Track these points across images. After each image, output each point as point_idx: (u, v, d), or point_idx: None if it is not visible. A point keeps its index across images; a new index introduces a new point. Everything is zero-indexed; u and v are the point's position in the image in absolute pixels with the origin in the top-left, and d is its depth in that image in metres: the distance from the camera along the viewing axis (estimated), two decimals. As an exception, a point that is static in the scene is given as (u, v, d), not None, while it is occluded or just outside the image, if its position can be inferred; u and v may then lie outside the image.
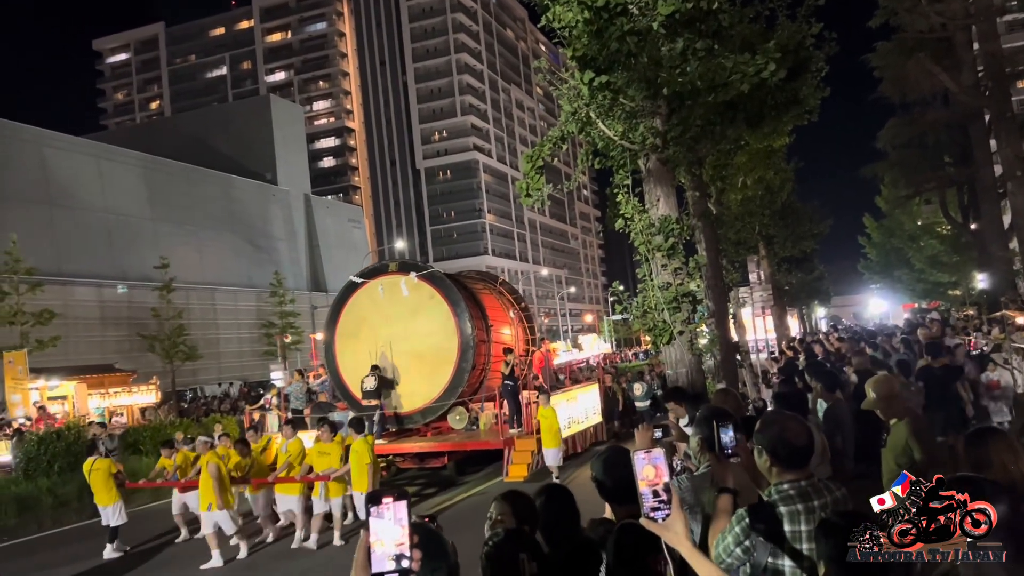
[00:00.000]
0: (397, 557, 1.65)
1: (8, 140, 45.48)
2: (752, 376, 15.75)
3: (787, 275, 30.31)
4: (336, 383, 17.56)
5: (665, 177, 9.02)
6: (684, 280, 8.76)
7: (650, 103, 8.50)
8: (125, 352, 45.90)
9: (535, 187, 9.00)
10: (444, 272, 17.62)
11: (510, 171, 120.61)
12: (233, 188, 62.65)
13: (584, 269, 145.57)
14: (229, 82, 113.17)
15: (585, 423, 17.90)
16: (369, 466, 10.28)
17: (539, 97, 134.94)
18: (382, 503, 1.68)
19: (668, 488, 2.23)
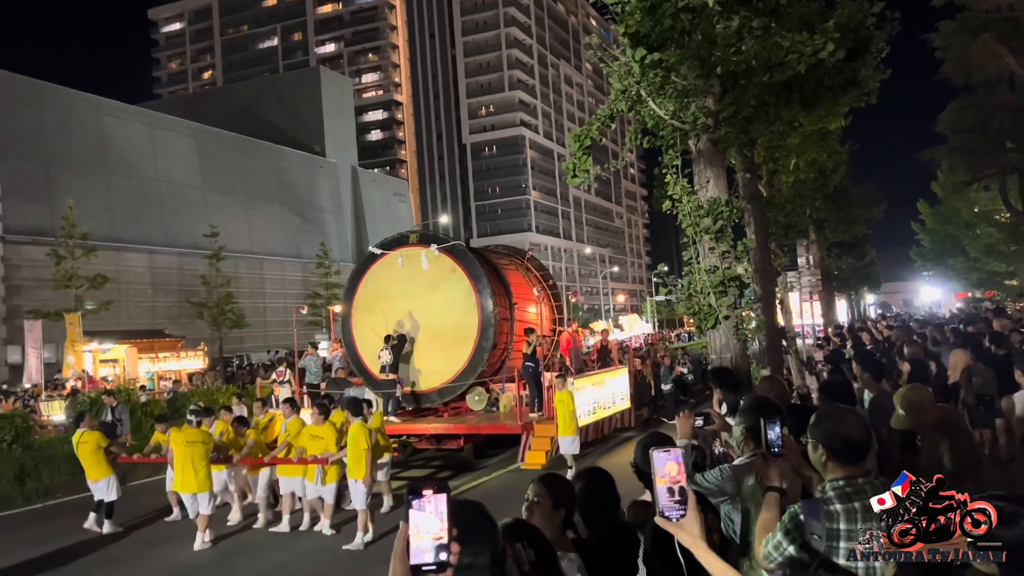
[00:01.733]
0: (436, 550, 1.65)
1: (69, 108, 46.52)
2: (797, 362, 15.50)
3: (837, 260, 29.72)
4: (352, 358, 16.87)
5: (715, 158, 8.85)
6: (731, 264, 8.61)
7: (703, 82, 8.31)
8: (174, 318, 47.00)
9: (582, 167, 8.89)
10: (467, 246, 17.06)
11: (556, 147, 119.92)
12: (282, 159, 63.35)
13: (628, 248, 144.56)
14: (280, 53, 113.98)
15: (611, 409, 17.08)
16: (367, 452, 9.64)
17: (588, 73, 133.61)
18: (423, 495, 1.68)
19: (684, 489, 2.19)
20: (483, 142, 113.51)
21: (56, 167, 44.57)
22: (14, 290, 39.78)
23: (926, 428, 5.04)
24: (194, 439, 10.07)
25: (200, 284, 42.19)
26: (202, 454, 10.01)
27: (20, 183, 40.73)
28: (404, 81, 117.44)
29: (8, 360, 38.75)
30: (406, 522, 1.67)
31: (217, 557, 9.62)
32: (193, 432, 10.18)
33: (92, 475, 10.95)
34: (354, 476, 9.69)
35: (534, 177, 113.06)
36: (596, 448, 15.60)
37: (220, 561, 9.45)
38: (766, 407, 3.98)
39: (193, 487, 9.95)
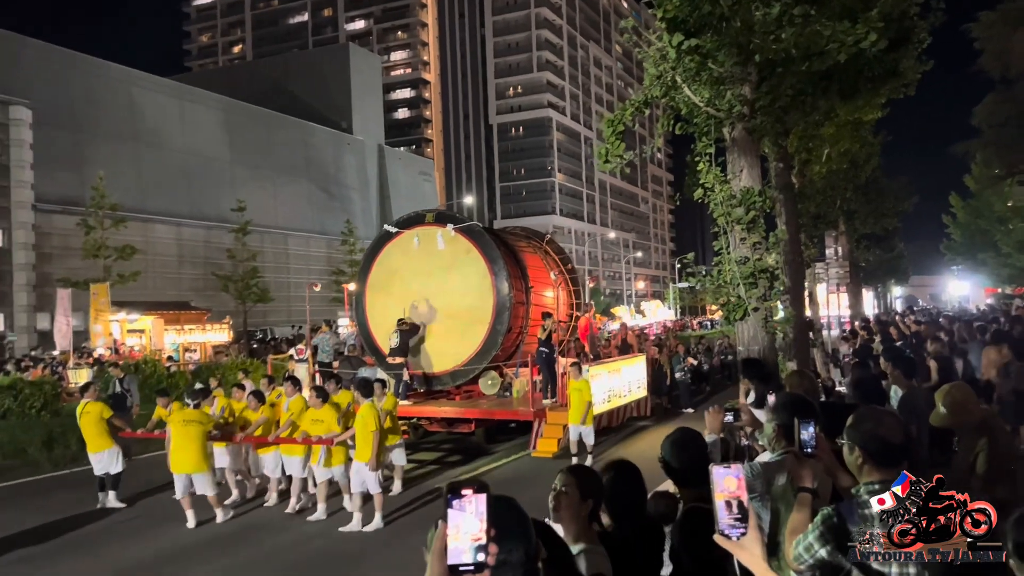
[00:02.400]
0: (474, 550, 1.63)
1: (99, 78, 46.86)
2: (823, 355, 15.37)
3: (865, 252, 29.38)
4: (364, 338, 16.64)
5: (750, 147, 8.72)
6: (762, 255, 8.50)
7: (740, 69, 8.18)
8: (200, 291, 47.47)
9: (615, 153, 8.78)
10: (485, 226, 16.65)
11: (583, 130, 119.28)
12: (309, 135, 63.54)
13: (653, 234, 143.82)
14: (310, 29, 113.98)
15: (627, 397, 16.62)
16: (375, 434, 9.30)
17: (618, 55, 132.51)
18: (462, 495, 1.66)
19: (744, 505, 2.14)
20: (510, 123, 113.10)
21: (86, 137, 44.98)
22: (44, 258, 40.31)
23: (966, 428, 4.96)
24: (191, 419, 9.88)
25: (226, 257, 42.55)
26: (198, 434, 9.79)
27: (51, 152, 41.16)
28: (432, 60, 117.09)
29: (37, 327, 39.35)
30: (445, 522, 1.66)
31: (216, 537, 9.39)
32: (190, 412, 10.00)
33: (93, 447, 10.79)
34: (360, 458, 9.44)
35: (560, 159, 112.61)
36: (610, 437, 15.35)
37: (218, 542, 9.20)
38: (800, 405, 3.93)
39: (189, 467, 9.73)
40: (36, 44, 44.28)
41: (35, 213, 39.97)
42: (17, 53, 42.25)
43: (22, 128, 39.28)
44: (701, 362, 23.49)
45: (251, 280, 40.94)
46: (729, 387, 23.18)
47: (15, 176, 38.96)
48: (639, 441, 15.08)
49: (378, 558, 8.47)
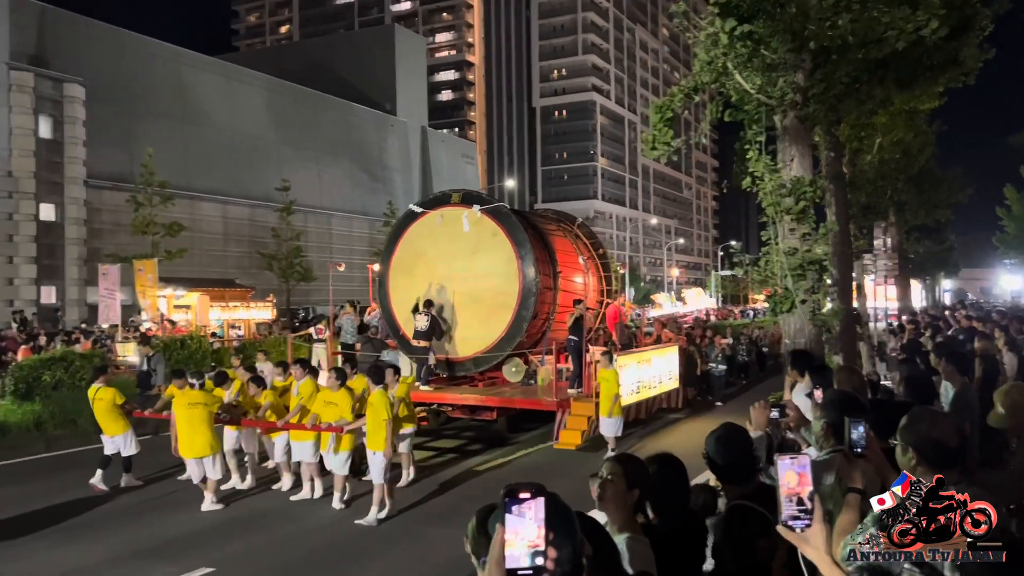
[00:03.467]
0: (532, 555, 1.60)
1: (149, 57, 47.57)
2: (869, 348, 15.08)
3: (915, 244, 28.73)
4: (387, 320, 16.14)
5: (801, 136, 8.55)
6: (811, 246, 8.33)
7: (793, 56, 8.02)
8: (244, 268, 48.16)
9: (662, 140, 8.67)
10: (512, 208, 16.06)
11: (627, 114, 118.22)
12: (353, 116, 63.87)
13: (696, 221, 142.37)
14: (356, 10, 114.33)
15: (657, 388, 15.99)
16: (387, 423, 8.90)
17: (664, 39, 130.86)
18: (519, 498, 1.63)
19: (812, 497, 2.10)
20: (553, 106, 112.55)
21: (136, 115, 45.74)
22: (95, 233, 41.21)
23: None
24: (195, 401, 9.60)
25: (270, 236, 43.04)
26: (203, 416, 9.52)
27: (102, 130, 41.96)
28: (477, 42, 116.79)
29: (88, 300, 40.29)
30: (503, 525, 1.63)
31: (223, 524, 9.08)
32: (195, 394, 9.71)
33: (109, 431, 10.56)
34: (373, 447, 9.04)
35: (603, 144, 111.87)
36: (638, 430, 14.75)
37: (225, 528, 8.91)
38: (850, 404, 3.85)
39: (196, 451, 9.50)
40: (90, 23, 45.07)
41: (87, 189, 40.83)
42: (72, 32, 43.06)
43: (76, 105, 40.09)
44: (738, 353, 23.04)
45: (294, 259, 41.40)
46: (764, 380, 22.74)
47: (68, 152, 39.82)
48: (668, 435, 14.61)
49: (388, 554, 8.08)
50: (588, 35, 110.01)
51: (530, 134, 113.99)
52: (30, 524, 9.11)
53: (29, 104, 37.74)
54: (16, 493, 10.33)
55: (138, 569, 7.67)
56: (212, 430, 9.63)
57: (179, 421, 9.65)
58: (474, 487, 10.64)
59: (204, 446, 9.50)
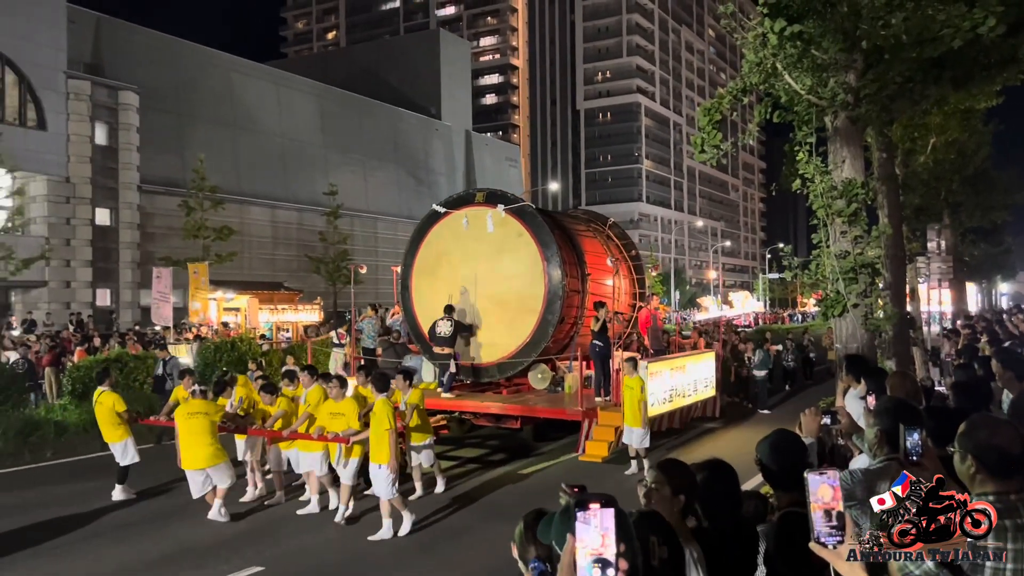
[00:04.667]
0: (603, 565, 1.61)
1: (200, 64, 48.53)
2: (922, 353, 14.75)
3: (971, 246, 28.02)
4: (410, 324, 15.64)
5: (853, 137, 8.40)
6: (864, 249, 8.18)
7: (845, 56, 7.89)
8: (292, 272, 48.85)
9: (711, 142, 8.58)
10: (538, 208, 15.49)
11: (672, 116, 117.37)
12: (399, 121, 64.41)
13: (743, 223, 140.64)
14: (401, 15, 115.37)
15: (693, 397, 15.28)
16: (390, 433, 8.41)
17: (710, 39, 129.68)
18: (589, 509, 1.64)
19: (842, 514, 2.08)
20: (597, 108, 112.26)
21: (188, 121, 46.70)
22: (148, 237, 42.14)
23: None
24: (196, 410, 9.20)
25: (318, 240, 43.56)
26: (204, 426, 9.12)
27: (156, 135, 42.91)
28: (521, 45, 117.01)
29: (141, 303, 41.23)
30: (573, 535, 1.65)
31: (231, 538, 8.73)
32: (195, 403, 9.33)
33: (108, 437, 10.35)
34: (376, 460, 8.58)
35: (648, 146, 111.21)
36: (670, 440, 14.30)
37: (232, 543, 8.54)
38: (905, 411, 3.78)
39: (199, 462, 9.10)
40: (144, 31, 46.16)
41: (140, 194, 41.79)
42: (126, 41, 44.15)
43: (130, 112, 41.07)
44: (784, 359, 22.46)
45: (341, 262, 41.86)
46: (809, 387, 22.26)
47: (123, 158, 40.80)
48: (704, 445, 14.02)
49: (404, 568, 7.81)
50: (633, 37, 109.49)
51: (574, 137, 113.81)
52: (89, 522, 9.37)
53: (86, 111, 38.77)
54: (77, 491, 10.64)
55: (191, 566, 7.84)
56: (215, 440, 9.25)
57: (180, 432, 9.27)
58: (490, 503, 10.23)
59: (206, 457, 9.11)
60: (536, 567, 2.22)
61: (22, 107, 36.30)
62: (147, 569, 7.82)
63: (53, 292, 37.37)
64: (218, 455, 9.20)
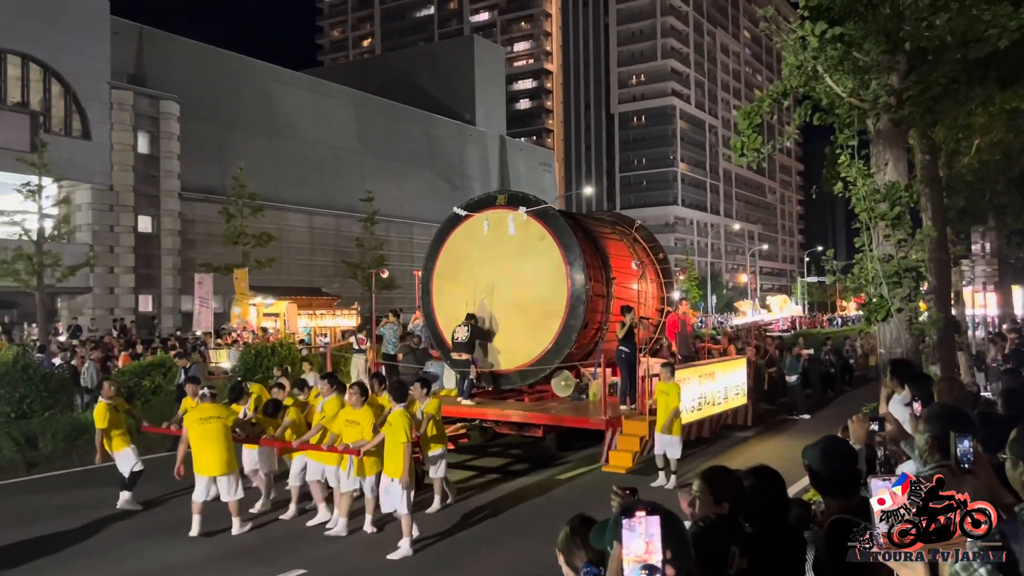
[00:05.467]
0: (649, 571, 1.63)
1: (238, 73, 49.34)
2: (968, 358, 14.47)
3: (1017, 249, 27.40)
4: (431, 330, 15.26)
5: (896, 139, 8.30)
6: (907, 252, 8.07)
7: (887, 58, 7.80)
8: (330, 277, 49.37)
9: (751, 146, 8.52)
10: (561, 210, 15.12)
11: (708, 118, 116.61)
12: (434, 127, 64.82)
13: (780, 226, 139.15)
14: (436, 22, 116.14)
15: (723, 405, 14.67)
16: (405, 446, 8.04)
17: (746, 41, 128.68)
18: (635, 516, 1.67)
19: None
20: (632, 112, 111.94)
21: (227, 129, 47.47)
22: (189, 244, 42.91)
23: None
24: (209, 415, 8.85)
25: (355, 246, 43.98)
26: (218, 431, 8.77)
27: (196, 144, 43.69)
28: (555, 50, 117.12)
29: (182, 308, 41.98)
30: (620, 543, 1.67)
31: (234, 553, 8.41)
32: (208, 407, 8.95)
33: (110, 446, 10.06)
34: (389, 473, 8.21)
35: (683, 149, 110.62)
36: (700, 449, 13.74)
37: (234, 560, 8.22)
38: (956, 417, 3.73)
39: (213, 469, 8.74)
40: (184, 42, 47.05)
41: (181, 201, 42.56)
42: (168, 51, 45.04)
43: (171, 121, 41.89)
44: (823, 364, 22.09)
45: (378, 268, 42.18)
46: (847, 393, 21.80)
47: (164, 166, 41.62)
48: (735, 455, 13.45)
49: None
50: (667, 39, 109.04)
51: (608, 140, 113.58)
52: (134, 523, 9.54)
53: (128, 121, 39.61)
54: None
55: (236, 569, 7.98)
56: (229, 447, 8.89)
57: (192, 438, 8.88)
58: (510, 516, 9.81)
59: (219, 464, 8.74)
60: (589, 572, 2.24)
61: (68, 117, 37.20)
62: (193, 568, 7.95)
63: (97, 298, 38.20)
64: (231, 463, 8.89)
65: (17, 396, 14.00)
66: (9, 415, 13.75)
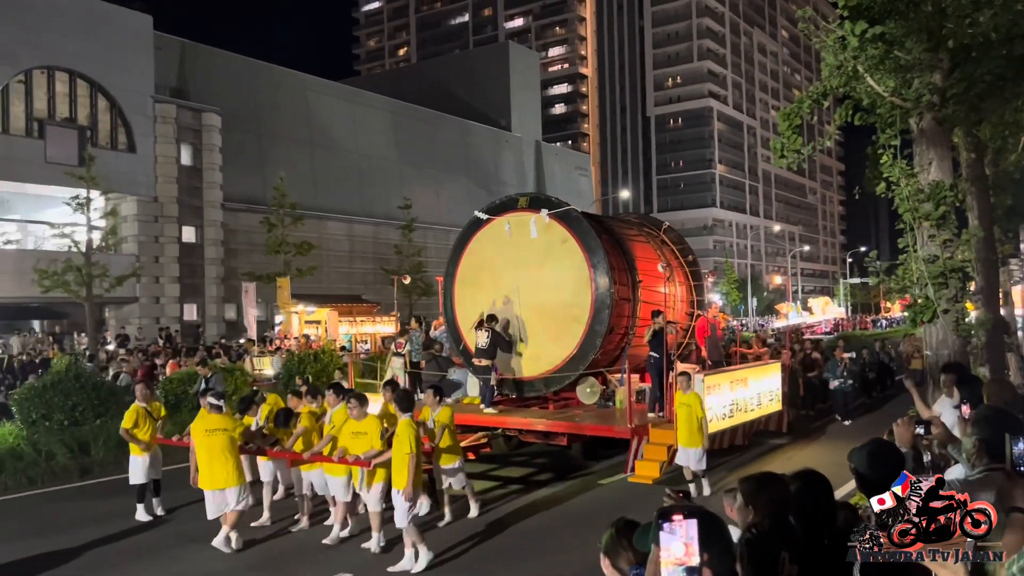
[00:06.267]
0: (684, 570, 1.66)
1: (277, 85, 50.05)
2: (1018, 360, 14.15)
3: (1067, 247, 26.72)
4: (453, 336, 15.01)
5: (940, 138, 8.18)
6: (953, 253, 7.95)
7: (929, 56, 7.70)
8: (369, 284, 49.79)
9: (792, 147, 8.46)
10: (584, 212, 14.73)
11: (746, 119, 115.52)
12: (469, 134, 65.10)
13: (821, 227, 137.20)
14: (470, 29, 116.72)
15: (756, 411, 14.19)
16: (411, 457, 7.76)
17: (784, 40, 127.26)
18: (672, 519, 1.69)
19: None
20: (668, 114, 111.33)
21: (267, 140, 48.17)
22: (231, 253, 43.56)
23: None
24: (215, 426, 8.67)
25: (393, 253, 44.32)
26: (224, 444, 8.61)
27: (237, 155, 44.40)
28: (590, 54, 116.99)
29: (225, 317, 42.66)
30: (657, 545, 1.70)
31: (239, 568, 8.28)
32: (214, 419, 8.76)
33: (132, 450, 10.21)
34: (396, 485, 7.97)
35: (721, 150, 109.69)
36: (733, 458, 13.30)
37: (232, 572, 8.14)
38: (1007, 419, 3.68)
39: (216, 482, 8.57)
40: (224, 55, 47.88)
41: (223, 212, 43.27)
42: (209, 64, 45.88)
43: (213, 133, 42.63)
44: (866, 368, 21.39)
45: (416, 274, 42.47)
46: (889, 398, 21.17)
47: (207, 177, 42.35)
48: (769, 463, 13.04)
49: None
50: (704, 41, 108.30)
51: (644, 143, 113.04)
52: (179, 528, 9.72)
53: (172, 134, 40.39)
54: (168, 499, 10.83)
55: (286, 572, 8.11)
56: (235, 459, 8.73)
57: (198, 449, 8.70)
58: (526, 529, 9.49)
59: (226, 477, 8.56)
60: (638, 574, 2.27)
61: (114, 131, 38.07)
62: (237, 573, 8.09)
63: (144, 308, 38.97)
64: (239, 476, 8.71)
65: (70, 404, 14.37)
66: (63, 422, 14.12)
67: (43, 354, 24.21)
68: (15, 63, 33.82)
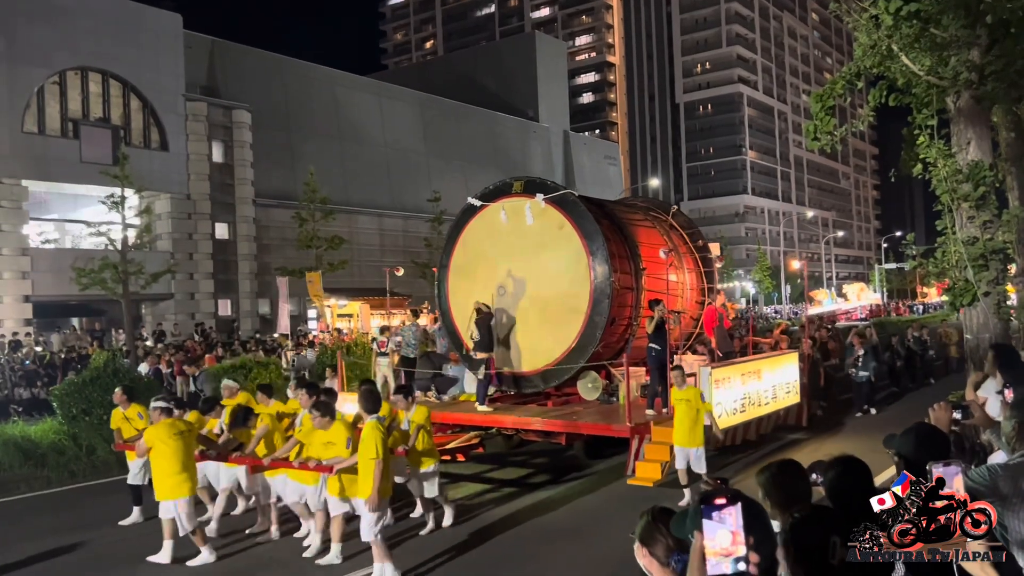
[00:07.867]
0: (733, 560, 1.63)
1: (307, 80, 50.38)
2: (1061, 343, 13.83)
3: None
4: (448, 330, 14.37)
5: (978, 117, 8.00)
6: (994, 234, 7.77)
7: (967, 33, 7.51)
8: (399, 277, 49.97)
9: (824, 129, 8.31)
10: (582, 196, 13.82)
11: (777, 104, 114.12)
12: (497, 125, 65.03)
13: (855, 212, 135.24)
14: (496, 20, 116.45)
15: (771, 405, 13.24)
16: (376, 463, 7.04)
17: (814, 24, 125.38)
18: (715, 505, 1.66)
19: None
20: (697, 101, 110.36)
21: (297, 136, 48.53)
22: (263, 248, 44.01)
23: None
24: (173, 430, 8.01)
25: (423, 246, 44.47)
26: (176, 449, 7.92)
27: (268, 151, 44.81)
28: (617, 42, 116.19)
29: (259, 312, 43.14)
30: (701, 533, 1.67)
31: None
32: (168, 422, 8.07)
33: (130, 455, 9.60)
34: (360, 494, 7.30)
35: (751, 136, 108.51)
36: (746, 455, 12.47)
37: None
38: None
39: (171, 491, 7.91)
40: (254, 52, 48.27)
41: (255, 208, 43.70)
42: (238, 61, 46.30)
43: (243, 130, 43.03)
44: (896, 355, 20.20)
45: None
46: (912, 390, 19.77)
47: (238, 174, 42.79)
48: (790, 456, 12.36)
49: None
50: (732, 26, 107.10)
51: (674, 131, 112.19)
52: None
53: (203, 131, 40.84)
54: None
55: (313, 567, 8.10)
56: (188, 465, 8.04)
57: (153, 457, 8.00)
58: (512, 538, 8.77)
59: (174, 487, 7.88)
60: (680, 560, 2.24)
61: (146, 130, 38.58)
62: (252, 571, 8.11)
63: (179, 304, 39.52)
64: (189, 486, 8.02)
65: (109, 399, 14.60)
66: (102, 417, 14.35)
67: (82, 351, 24.66)
68: (49, 65, 34.36)
